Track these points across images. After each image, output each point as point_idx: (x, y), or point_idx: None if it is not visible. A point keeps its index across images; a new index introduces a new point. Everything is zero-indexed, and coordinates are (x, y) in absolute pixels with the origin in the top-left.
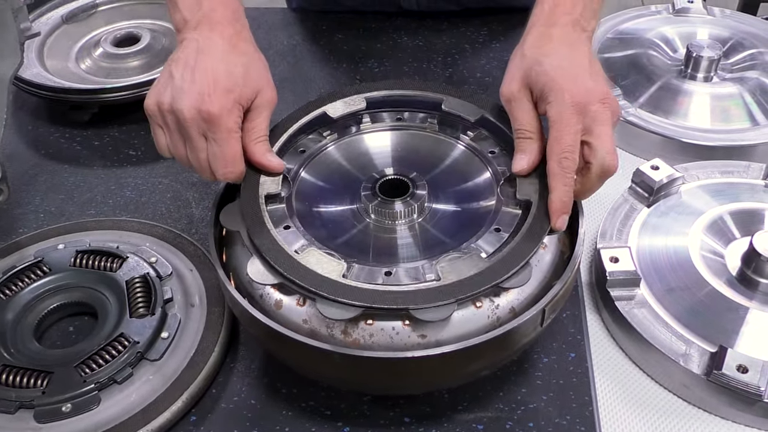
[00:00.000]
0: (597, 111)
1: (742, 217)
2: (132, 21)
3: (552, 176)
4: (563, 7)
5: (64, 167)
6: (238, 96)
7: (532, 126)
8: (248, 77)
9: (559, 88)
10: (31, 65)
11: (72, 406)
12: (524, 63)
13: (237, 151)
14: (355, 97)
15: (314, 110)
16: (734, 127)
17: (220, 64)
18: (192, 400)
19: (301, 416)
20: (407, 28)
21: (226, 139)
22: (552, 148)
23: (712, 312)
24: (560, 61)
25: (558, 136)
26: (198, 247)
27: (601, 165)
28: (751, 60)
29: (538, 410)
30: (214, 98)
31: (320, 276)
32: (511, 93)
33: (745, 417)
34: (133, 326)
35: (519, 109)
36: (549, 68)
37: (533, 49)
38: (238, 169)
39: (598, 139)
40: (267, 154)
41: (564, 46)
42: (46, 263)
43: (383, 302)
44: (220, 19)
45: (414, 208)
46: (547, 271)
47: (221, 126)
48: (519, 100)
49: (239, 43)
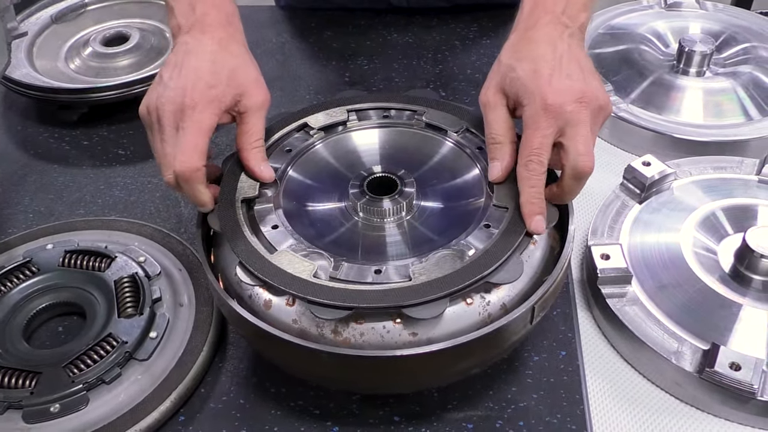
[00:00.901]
0: (572, 111)
1: (734, 213)
2: (121, 20)
3: (519, 179)
4: (543, 5)
5: (53, 167)
6: (220, 93)
7: (503, 130)
8: (233, 77)
9: (531, 92)
10: (20, 65)
11: (60, 407)
12: (500, 69)
13: (198, 144)
14: (336, 109)
15: (295, 121)
16: (727, 123)
17: (205, 63)
18: (180, 400)
19: (290, 416)
20: (397, 25)
21: (191, 129)
22: (521, 152)
23: (705, 309)
24: (534, 65)
25: (526, 140)
26: (187, 247)
27: (573, 167)
28: (744, 54)
29: (528, 409)
30: (193, 92)
31: (304, 280)
32: (487, 99)
33: (737, 415)
34: (122, 326)
35: (492, 114)
36: (522, 73)
37: (509, 54)
38: (191, 162)
39: (570, 140)
40: (261, 163)
41: (542, 46)
42: (34, 263)
43: (372, 301)
44: (211, 22)
45: (402, 205)
46: (538, 267)
47: (193, 117)
48: (493, 106)
49: (230, 45)
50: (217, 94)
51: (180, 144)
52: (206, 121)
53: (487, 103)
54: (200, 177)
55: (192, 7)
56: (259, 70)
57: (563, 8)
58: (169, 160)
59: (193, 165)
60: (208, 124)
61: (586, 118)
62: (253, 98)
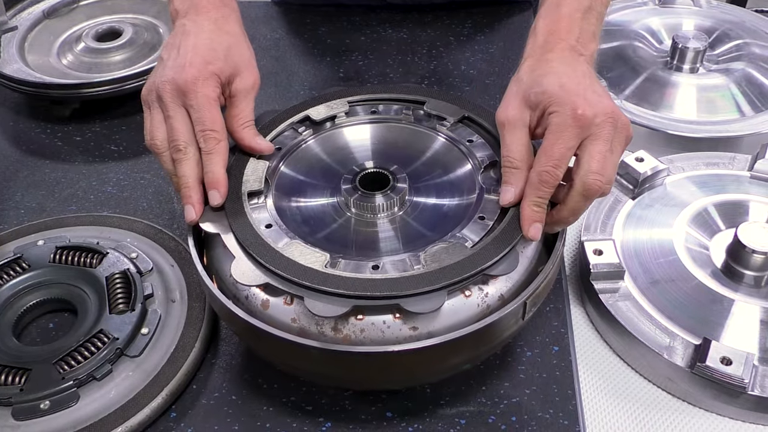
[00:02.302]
0: (599, 125)
1: (727, 209)
2: (114, 15)
3: (528, 185)
4: (558, 34)
5: (45, 163)
6: (218, 69)
7: (521, 155)
8: (229, 55)
9: (562, 101)
10: (12, 60)
11: (50, 403)
12: (521, 87)
13: (216, 116)
14: (337, 101)
15: (296, 114)
16: (720, 119)
17: (203, 41)
18: (172, 397)
19: (282, 412)
20: (391, 21)
21: (204, 104)
22: (538, 158)
23: (697, 304)
24: (560, 79)
25: (547, 147)
26: (179, 243)
27: (582, 183)
28: (737, 51)
29: (521, 404)
30: (191, 68)
31: (305, 267)
32: (506, 117)
33: (729, 409)
34: (113, 322)
35: (511, 135)
36: (549, 87)
37: (530, 74)
38: (221, 134)
39: (586, 155)
40: (256, 137)
41: (563, 66)
42: (25, 259)
43: (372, 292)
44: (206, 4)
45: (395, 201)
46: (534, 258)
47: (197, 92)
48: (513, 126)
49: (225, 25)
50: (215, 69)
51: (199, 122)
52: (212, 94)
53: (507, 122)
54: (223, 149)
55: None
56: (252, 51)
57: (576, 37)
58: (179, 135)
59: (221, 136)
60: (213, 96)
61: (609, 136)
62: (244, 80)
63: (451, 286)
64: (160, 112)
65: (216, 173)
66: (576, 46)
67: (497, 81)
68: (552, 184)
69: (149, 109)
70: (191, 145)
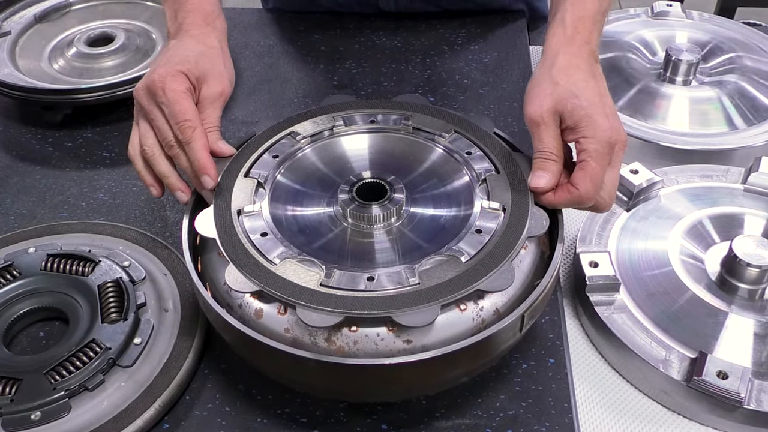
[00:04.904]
0: (616, 153)
1: (721, 222)
2: (106, 21)
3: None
4: (582, 35)
5: (35, 169)
6: (185, 69)
7: (558, 150)
8: (200, 61)
9: (597, 125)
10: (3, 65)
11: (41, 414)
12: (557, 91)
13: (187, 106)
14: (323, 117)
15: (282, 130)
16: (713, 131)
17: (178, 51)
18: (165, 408)
19: (276, 423)
20: (385, 29)
21: (173, 99)
22: (584, 180)
23: (692, 317)
24: (593, 97)
25: (593, 173)
26: (172, 251)
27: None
28: (730, 64)
29: (516, 417)
30: (160, 70)
31: (298, 285)
32: (541, 117)
33: (725, 423)
34: (105, 332)
35: (547, 133)
36: (585, 103)
37: (565, 78)
38: (194, 121)
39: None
40: (219, 141)
41: (591, 79)
42: (15, 267)
43: (363, 309)
44: (190, 23)
45: (392, 211)
46: (529, 272)
47: (165, 88)
48: (548, 125)
49: (204, 39)
50: (182, 69)
51: (172, 116)
52: (179, 87)
53: (541, 121)
54: (200, 135)
55: (175, 14)
56: (229, 66)
57: (595, 40)
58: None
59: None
60: (182, 89)
61: (618, 161)
62: (211, 88)
63: (442, 304)
64: (145, 121)
65: (200, 159)
66: (595, 52)
67: (491, 91)
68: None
69: (137, 123)
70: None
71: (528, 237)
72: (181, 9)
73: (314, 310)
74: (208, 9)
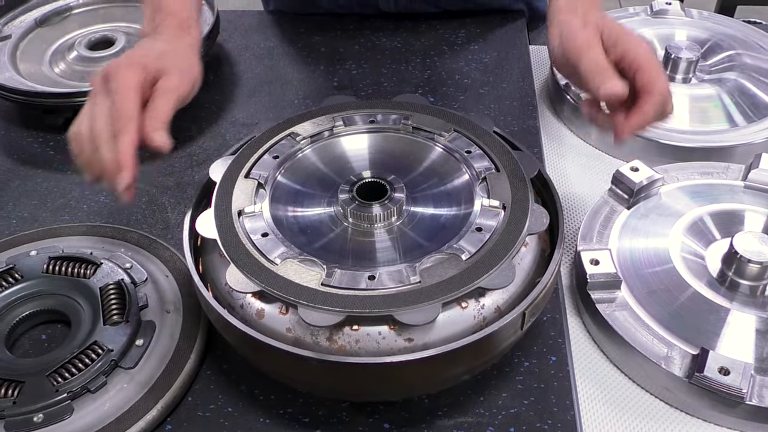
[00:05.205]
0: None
1: (722, 219)
2: (107, 24)
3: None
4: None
5: (37, 172)
6: (146, 62)
7: (609, 65)
8: (162, 57)
9: (633, 36)
10: (4, 69)
11: (44, 416)
12: (590, 20)
13: (128, 100)
14: (323, 118)
15: (282, 131)
16: (713, 129)
17: (145, 46)
18: (167, 409)
19: (279, 424)
20: (385, 30)
21: (119, 89)
22: (658, 78)
23: (694, 314)
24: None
25: (657, 65)
26: (174, 253)
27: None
28: (729, 61)
29: (518, 415)
30: (120, 60)
31: (299, 285)
32: (588, 41)
33: (727, 419)
34: (107, 334)
35: (599, 52)
36: (615, 24)
37: (595, 12)
38: (131, 115)
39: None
40: (157, 131)
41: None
42: (17, 270)
43: (365, 307)
44: (165, 26)
45: (392, 211)
46: (530, 270)
47: (117, 77)
48: (597, 45)
49: (174, 40)
50: (141, 61)
51: (114, 110)
52: (129, 81)
53: (587, 43)
54: (131, 130)
55: (153, 16)
56: (195, 68)
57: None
58: (99, 120)
59: (132, 127)
60: (131, 84)
61: None
62: (167, 81)
63: (443, 302)
64: (89, 102)
65: (122, 153)
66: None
67: (491, 91)
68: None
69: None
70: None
71: (528, 234)
72: (159, 12)
73: (316, 309)
74: (185, 16)
